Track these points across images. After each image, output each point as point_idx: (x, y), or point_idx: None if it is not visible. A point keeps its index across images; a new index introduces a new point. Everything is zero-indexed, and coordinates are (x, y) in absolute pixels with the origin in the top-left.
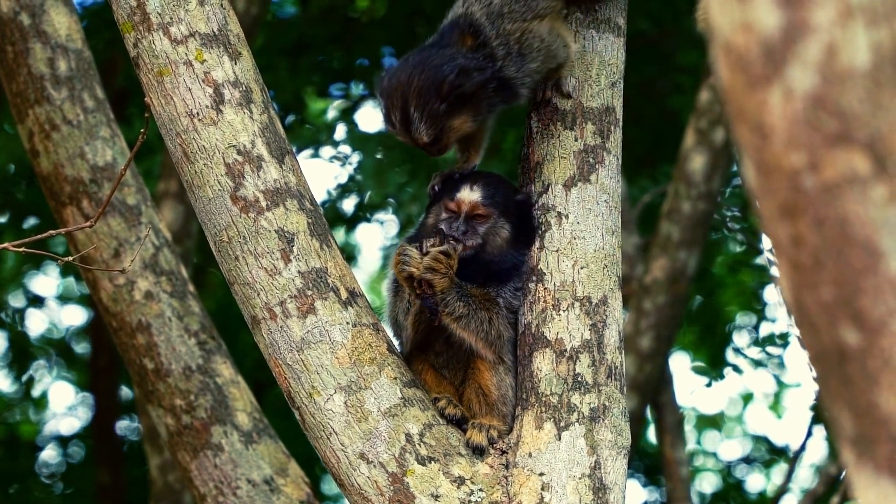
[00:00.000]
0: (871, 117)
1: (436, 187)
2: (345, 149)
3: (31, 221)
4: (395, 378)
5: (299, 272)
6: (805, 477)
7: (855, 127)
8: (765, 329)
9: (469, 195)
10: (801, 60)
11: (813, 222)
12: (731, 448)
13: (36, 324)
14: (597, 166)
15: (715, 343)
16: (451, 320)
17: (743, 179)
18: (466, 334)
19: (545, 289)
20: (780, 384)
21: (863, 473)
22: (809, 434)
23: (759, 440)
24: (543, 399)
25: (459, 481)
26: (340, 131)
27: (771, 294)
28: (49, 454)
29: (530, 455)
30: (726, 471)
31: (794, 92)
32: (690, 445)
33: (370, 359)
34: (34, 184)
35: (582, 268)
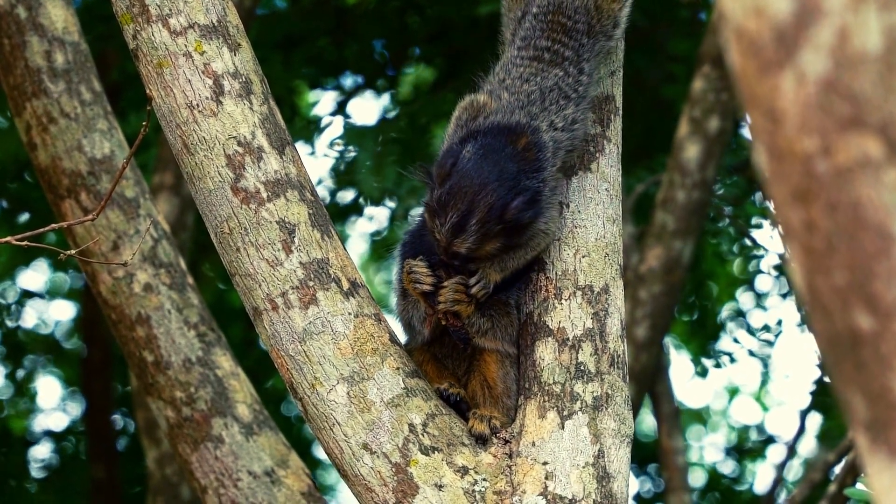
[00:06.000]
0: (883, 101)
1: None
2: (339, 143)
3: (23, 216)
4: (398, 368)
5: (301, 263)
6: (793, 467)
7: (867, 111)
8: (758, 318)
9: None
10: (814, 45)
11: (826, 207)
12: (716, 442)
13: (25, 319)
14: (597, 155)
15: (706, 333)
16: (478, 337)
17: (754, 165)
18: (493, 343)
19: (547, 278)
20: (766, 378)
21: (876, 458)
22: (802, 426)
23: (747, 430)
24: (546, 388)
25: (463, 471)
26: (337, 125)
27: (763, 283)
28: (40, 450)
29: (534, 444)
30: (712, 465)
31: (806, 76)
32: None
33: (372, 349)
34: (24, 178)
35: (583, 256)
